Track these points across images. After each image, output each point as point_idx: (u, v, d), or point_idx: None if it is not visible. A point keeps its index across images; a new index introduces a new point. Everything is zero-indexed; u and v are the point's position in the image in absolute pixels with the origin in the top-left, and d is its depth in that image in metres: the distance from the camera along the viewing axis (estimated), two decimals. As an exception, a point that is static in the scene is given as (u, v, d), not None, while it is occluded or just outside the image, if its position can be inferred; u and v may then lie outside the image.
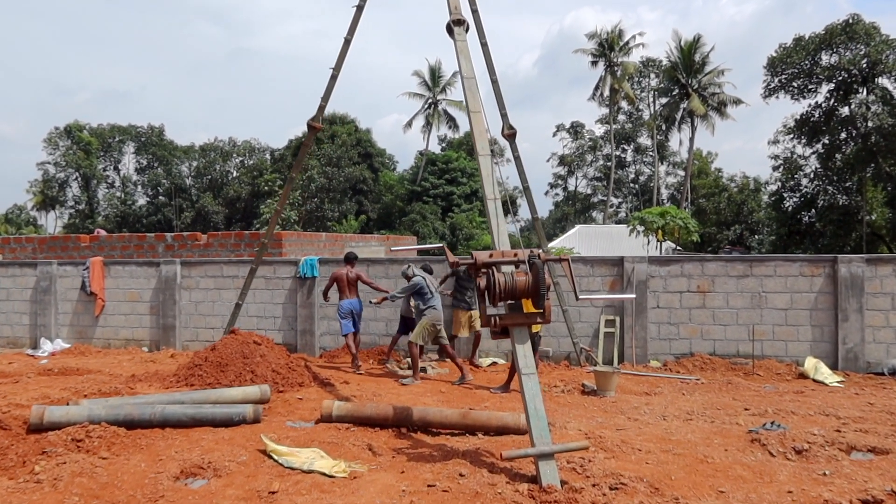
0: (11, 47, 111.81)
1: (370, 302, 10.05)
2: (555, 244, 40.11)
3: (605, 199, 62.17)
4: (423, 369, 10.03)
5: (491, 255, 5.34)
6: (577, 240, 39.96)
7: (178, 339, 13.22)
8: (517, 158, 10.38)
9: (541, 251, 5.26)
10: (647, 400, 8.09)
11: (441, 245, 6.46)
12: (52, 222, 69.61)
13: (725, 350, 10.93)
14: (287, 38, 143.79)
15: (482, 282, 5.19)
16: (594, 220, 62.83)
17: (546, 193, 71.29)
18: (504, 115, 10.14)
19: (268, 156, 62.66)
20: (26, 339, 14.09)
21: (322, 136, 51.14)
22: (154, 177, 67.64)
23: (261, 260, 10.65)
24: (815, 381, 9.61)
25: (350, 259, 10.51)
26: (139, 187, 70.18)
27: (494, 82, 10.01)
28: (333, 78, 9.82)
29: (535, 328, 8.65)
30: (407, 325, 10.54)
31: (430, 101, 56.68)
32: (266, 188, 45.69)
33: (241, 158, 66.70)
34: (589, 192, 68.11)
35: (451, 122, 58.28)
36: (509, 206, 6.11)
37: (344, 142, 46.82)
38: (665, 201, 56.77)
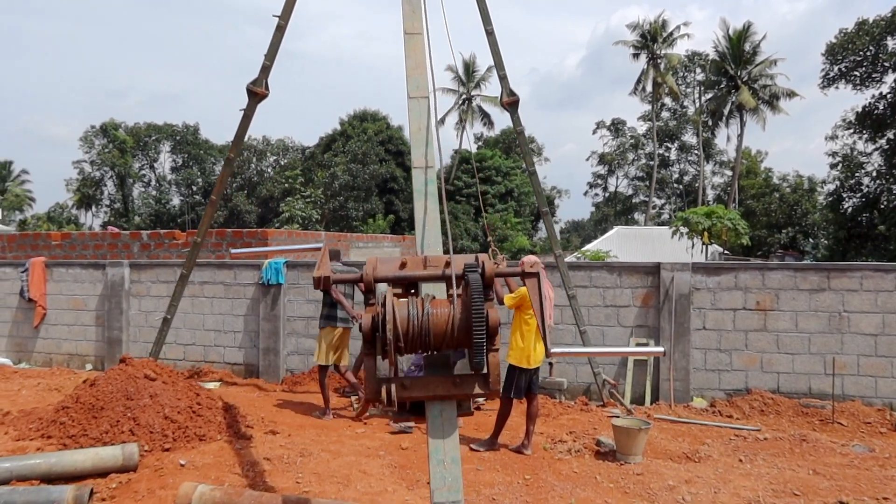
0: (66, 52, 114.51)
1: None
2: (591, 246, 37.38)
3: (646, 199, 58.89)
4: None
5: (403, 264, 3.04)
6: (616, 242, 37.15)
7: (127, 354, 11.14)
8: (520, 133, 8.02)
9: (487, 256, 2.95)
10: (689, 473, 5.62)
11: (319, 245, 4.06)
12: (91, 221, 69.62)
13: (793, 386, 8.36)
14: (331, 41, 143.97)
15: (365, 318, 2.87)
16: (636, 222, 59.59)
17: (585, 193, 68.37)
18: (503, 78, 7.79)
19: (300, 154, 61.44)
20: (-38, 350, 12.25)
21: (351, 132, 49.35)
22: (188, 176, 67.16)
23: (193, 263, 8.50)
24: (921, 435, 7.01)
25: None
26: (173, 186, 69.83)
27: (490, 34, 7.68)
28: (280, 30, 7.61)
29: (530, 359, 6.29)
30: None
31: (463, 96, 54.42)
32: (287, 185, 44.01)
33: (274, 157, 65.91)
34: (630, 192, 64.87)
35: (486, 119, 55.95)
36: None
37: (370, 138, 44.77)
38: (711, 202, 53.23)
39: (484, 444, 6.42)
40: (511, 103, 7.79)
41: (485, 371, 2.85)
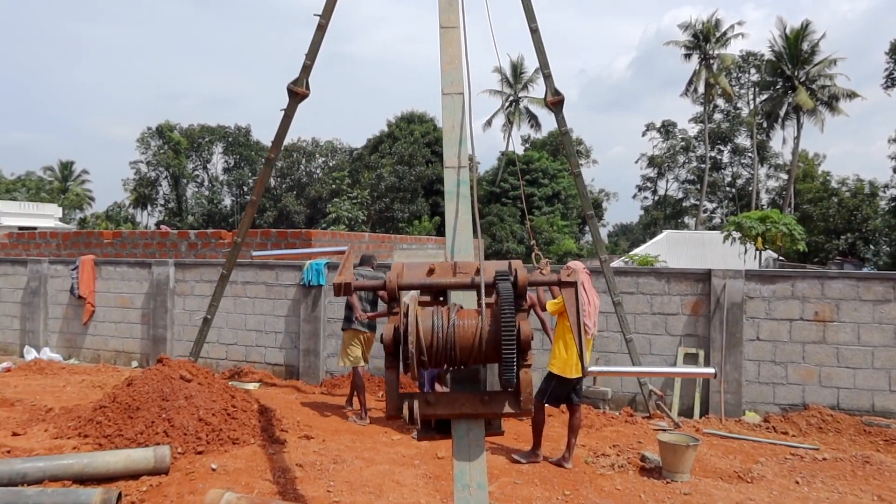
0: (128, 57, 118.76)
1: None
2: (639, 251, 36.59)
3: (697, 203, 57.44)
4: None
5: (431, 271, 2.85)
6: (665, 246, 36.26)
7: (170, 353, 11.26)
8: (565, 134, 7.74)
9: (520, 263, 2.73)
10: (741, 495, 5.28)
11: (343, 248, 3.85)
12: (147, 220, 71.65)
13: (854, 403, 7.87)
14: (380, 43, 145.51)
15: (387, 329, 2.67)
16: (686, 227, 58.18)
17: (634, 197, 67.10)
18: (547, 77, 7.54)
19: (348, 156, 62.07)
20: (17, 345, 12.59)
21: (399, 134, 49.53)
22: (239, 176, 68.50)
23: (233, 263, 8.49)
24: None
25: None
26: (225, 186, 71.32)
27: (534, 31, 7.44)
28: (321, 29, 7.53)
29: (573, 369, 6.03)
30: None
31: (510, 98, 54.08)
32: (334, 186, 44.39)
33: (323, 159, 66.78)
34: (680, 195, 63.38)
35: (533, 121, 55.47)
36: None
37: (416, 139, 44.83)
38: (765, 206, 51.59)
39: (525, 456, 6.17)
40: (555, 103, 7.53)
41: (516, 388, 2.65)
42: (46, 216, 46.08)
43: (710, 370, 3.12)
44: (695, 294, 8.46)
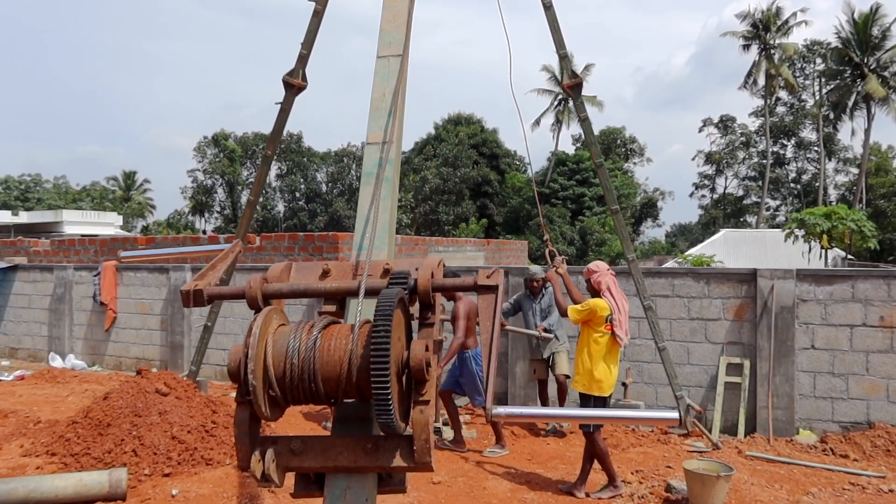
0: (191, 69, 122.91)
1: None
2: (695, 251, 34.99)
3: (759, 200, 54.96)
4: (437, 430, 6.89)
5: (325, 273, 2.18)
6: (723, 246, 34.58)
7: (188, 360, 10.94)
8: (584, 121, 6.97)
9: (434, 263, 2.05)
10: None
11: (221, 248, 2.91)
12: (204, 226, 73.38)
13: (929, 421, 6.83)
14: (435, 48, 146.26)
15: (233, 352, 2.00)
16: (748, 226, 55.69)
17: (691, 195, 64.77)
18: (563, 58, 6.81)
19: (396, 159, 62.10)
20: (45, 352, 12.51)
21: (445, 136, 49.02)
22: (291, 182, 69.51)
23: (233, 267, 8.01)
24: None
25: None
26: (277, 193, 72.46)
27: (548, 8, 6.70)
28: (316, 15, 6.98)
29: (604, 385, 5.27)
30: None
31: (559, 96, 52.92)
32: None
33: (373, 163, 66.98)
34: (741, 193, 60.81)
35: (584, 120, 53.99)
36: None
37: (461, 140, 44.21)
38: (833, 203, 48.91)
39: (607, 491, 5.33)
40: (573, 86, 6.78)
41: (407, 432, 1.97)
42: (107, 224, 47.45)
43: (674, 414, 2.37)
44: (738, 297, 7.53)
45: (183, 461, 5.18)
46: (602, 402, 5.34)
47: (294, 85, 7.11)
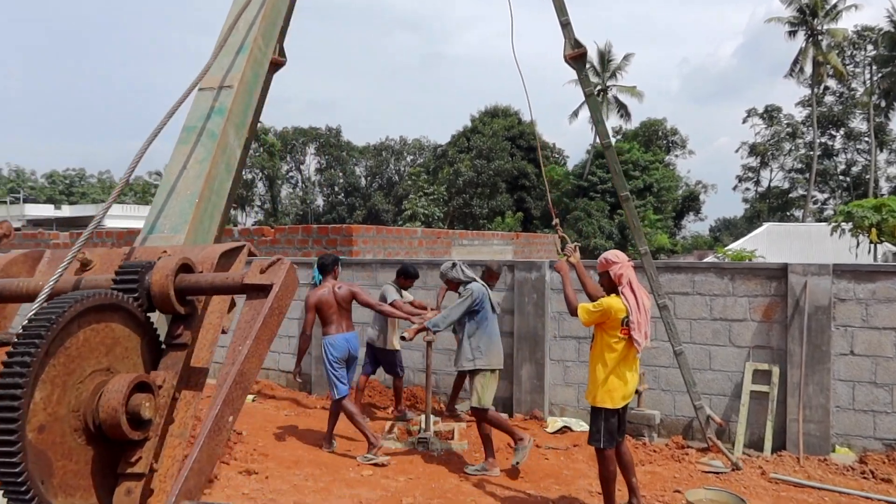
0: None
1: (402, 336, 6.22)
2: (735, 246, 33.62)
3: (805, 193, 52.80)
4: (424, 440, 6.23)
5: (85, 263, 1.56)
6: (765, 240, 33.13)
7: (186, 357, 10.53)
8: (590, 96, 6.21)
9: (191, 252, 1.44)
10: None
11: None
12: (245, 220, 74.12)
13: None
14: (475, 42, 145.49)
15: None
16: (795, 219, 53.53)
17: (734, 188, 62.73)
18: (566, 26, 6.04)
19: (433, 153, 61.71)
20: (49, 346, 12.27)
21: (481, 128, 48.23)
22: (330, 176, 69.73)
23: None
24: None
25: (325, 266, 6.53)
26: (317, 187, 72.80)
27: (548, -30, 5.97)
28: (294, -18, 6.36)
29: (619, 396, 4.58)
30: (380, 359, 7.22)
31: (598, 87, 51.62)
32: (410, 182, 43.71)
33: (411, 157, 66.97)
34: (786, 186, 58.55)
35: (623, 111, 52.74)
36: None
37: (494, 132, 43.39)
38: (885, 195, 46.64)
39: None
40: (576, 57, 6.02)
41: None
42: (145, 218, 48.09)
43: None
44: (767, 295, 6.70)
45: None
46: (614, 415, 4.62)
47: (272, 62, 6.51)
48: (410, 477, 5.33)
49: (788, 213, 57.18)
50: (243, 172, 65.32)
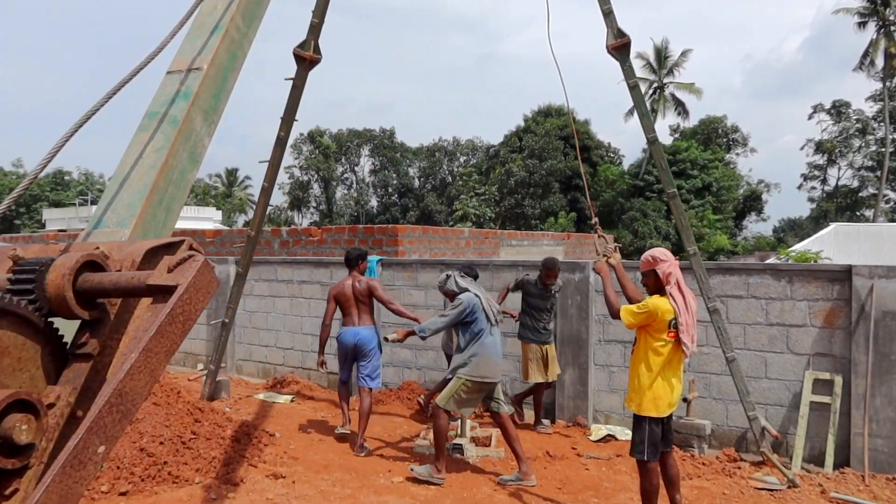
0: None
1: (385, 339, 6.09)
2: (799, 247, 32.20)
3: (876, 192, 50.27)
4: (458, 446, 6.02)
5: (16, 259, 1.40)
6: (832, 241, 31.62)
7: (232, 356, 10.60)
8: (634, 88, 5.89)
9: (132, 254, 1.26)
10: None
11: None
12: (302, 222, 75.40)
13: None
14: (530, 43, 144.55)
15: None
16: (865, 220, 51.02)
17: (799, 187, 60.25)
18: (608, 15, 5.75)
19: (485, 153, 61.52)
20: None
21: (534, 128, 47.67)
22: (384, 177, 70.36)
23: (249, 260, 7.43)
24: None
25: (350, 259, 6.68)
26: (371, 188, 73.54)
27: (589, -44, 5.68)
28: (328, -22, 6.26)
29: (663, 403, 4.31)
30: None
31: (654, 85, 50.40)
32: (461, 182, 43.55)
33: (465, 157, 66.97)
34: (856, 184, 55.88)
35: (681, 108, 51.35)
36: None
37: (547, 132, 42.81)
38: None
39: None
40: (619, 47, 5.72)
41: None
42: (206, 219, 49.53)
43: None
44: (828, 298, 6.23)
45: (147, 477, 4.59)
46: (658, 424, 4.32)
47: (306, 58, 6.43)
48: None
49: (858, 213, 54.55)
50: (299, 174, 65.99)
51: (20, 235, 18.80)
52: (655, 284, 4.40)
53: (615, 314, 4.47)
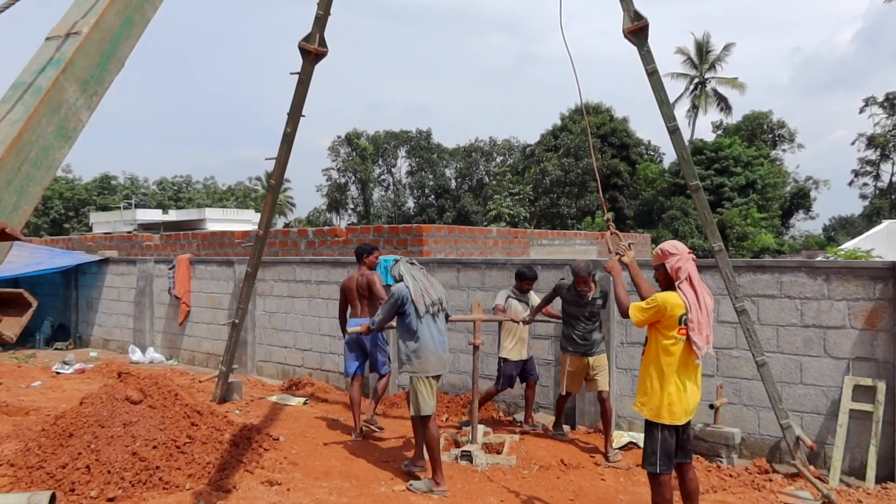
0: (336, 73, 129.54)
1: (344, 330, 6.68)
2: (848, 245, 30.94)
3: (933, 188, 48.14)
4: (467, 454, 5.73)
5: None
6: (885, 239, 30.35)
7: (252, 358, 10.51)
8: (653, 74, 5.52)
9: None
10: None
11: None
12: (340, 223, 76.06)
13: None
14: (570, 41, 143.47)
15: None
16: (922, 217, 48.91)
17: (850, 184, 58.12)
18: (625, -3, 5.39)
19: (521, 153, 61.00)
20: (130, 344, 12.63)
21: (572, 126, 46.97)
22: (421, 179, 70.47)
23: (258, 260, 7.26)
24: None
25: (358, 254, 6.92)
26: (407, 189, 73.72)
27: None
28: (333, -34, 6.05)
29: (687, 408, 4.00)
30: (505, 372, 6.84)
31: (696, 80, 49.27)
32: (495, 182, 43.13)
33: (501, 157, 66.62)
34: (910, 180, 53.66)
35: (723, 104, 50.09)
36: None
37: (582, 129, 42.11)
38: None
39: None
40: (636, 31, 5.36)
41: None
42: (245, 221, 50.19)
43: None
44: (870, 298, 5.75)
45: (138, 482, 4.42)
46: (672, 433, 3.99)
47: (311, 52, 6.23)
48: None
49: (914, 210, 52.36)
50: (336, 176, 66.46)
51: (67, 238, 19.63)
52: (666, 279, 4.13)
53: (625, 312, 4.20)
